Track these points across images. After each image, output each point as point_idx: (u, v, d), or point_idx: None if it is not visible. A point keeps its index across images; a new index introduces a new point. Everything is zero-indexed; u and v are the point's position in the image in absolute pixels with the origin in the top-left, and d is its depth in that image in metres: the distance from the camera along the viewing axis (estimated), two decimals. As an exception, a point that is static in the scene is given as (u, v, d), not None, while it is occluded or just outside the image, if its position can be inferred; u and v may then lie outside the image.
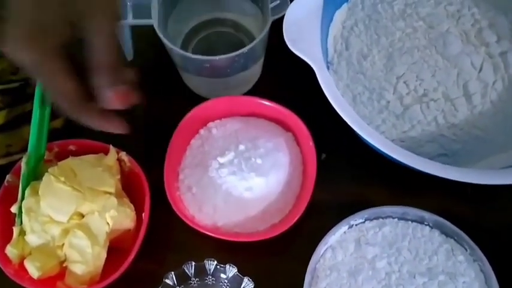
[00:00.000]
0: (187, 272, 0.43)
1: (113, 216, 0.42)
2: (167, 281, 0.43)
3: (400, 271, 0.42)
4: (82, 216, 0.43)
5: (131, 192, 0.46)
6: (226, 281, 0.44)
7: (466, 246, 0.43)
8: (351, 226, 0.45)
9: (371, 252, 0.43)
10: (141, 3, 0.48)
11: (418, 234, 0.44)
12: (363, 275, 0.42)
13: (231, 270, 0.43)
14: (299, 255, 0.43)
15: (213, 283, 0.44)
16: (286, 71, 0.54)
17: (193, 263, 0.43)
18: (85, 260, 0.42)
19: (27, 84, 0.49)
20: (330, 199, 0.49)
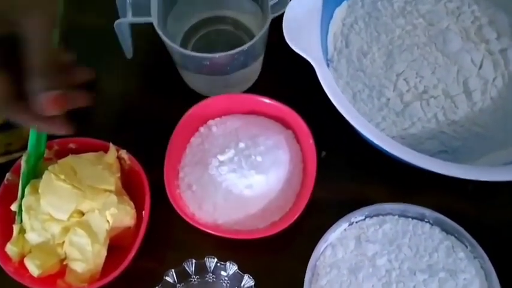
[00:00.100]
0: (188, 269, 0.43)
1: (113, 214, 0.42)
2: (167, 278, 0.43)
3: (400, 268, 0.42)
4: (82, 214, 0.43)
5: (131, 191, 0.46)
6: (227, 279, 0.44)
7: (467, 243, 0.43)
8: (351, 223, 0.45)
9: (371, 249, 0.43)
10: (140, 1, 0.47)
11: (419, 231, 0.44)
12: (363, 272, 0.42)
13: (232, 268, 0.43)
14: (299, 253, 0.43)
15: (213, 281, 0.44)
16: (286, 69, 0.54)
17: (194, 261, 0.43)
18: (85, 258, 0.42)
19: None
20: (330, 197, 0.49)
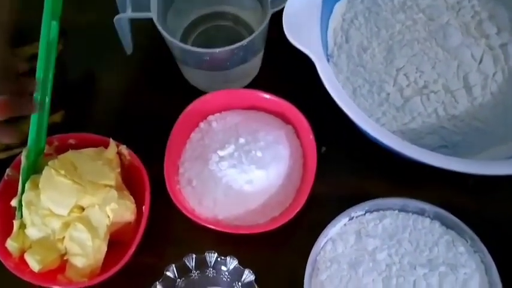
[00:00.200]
0: (188, 264, 0.43)
1: (114, 209, 0.42)
2: (168, 273, 0.43)
3: (400, 263, 0.42)
4: (82, 209, 0.43)
5: (131, 186, 0.46)
6: (227, 273, 0.44)
7: (467, 238, 0.43)
8: (351, 218, 0.45)
9: (371, 244, 0.43)
10: (140, -4, 0.48)
11: (419, 225, 0.44)
12: (363, 266, 0.42)
13: (232, 263, 0.43)
14: (299, 248, 0.43)
15: (213, 275, 0.44)
16: (286, 65, 0.54)
17: (194, 256, 0.43)
18: (85, 253, 0.42)
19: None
20: (330, 192, 0.49)
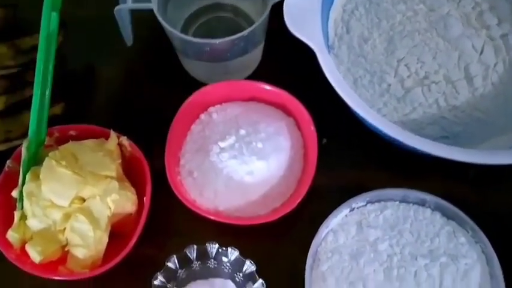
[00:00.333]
0: (189, 255, 0.43)
1: (115, 200, 0.42)
2: (169, 264, 0.43)
3: (401, 253, 0.42)
4: (83, 200, 0.43)
5: (132, 178, 0.46)
6: (228, 264, 0.44)
7: (468, 228, 0.43)
8: (352, 209, 0.45)
9: (373, 234, 0.43)
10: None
11: (420, 216, 0.44)
12: (364, 257, 0.42)
13: (233, 253, 0.43)
14: (300, 239, 0.43)
15: (215, 266, 0.44)
16: (287, 56, 0.53)
17: (195, 246, 0.43)
18: (87, 244, 0.42)
19: (26, 70, 0.49)
20: (331, 183, 0.49)
